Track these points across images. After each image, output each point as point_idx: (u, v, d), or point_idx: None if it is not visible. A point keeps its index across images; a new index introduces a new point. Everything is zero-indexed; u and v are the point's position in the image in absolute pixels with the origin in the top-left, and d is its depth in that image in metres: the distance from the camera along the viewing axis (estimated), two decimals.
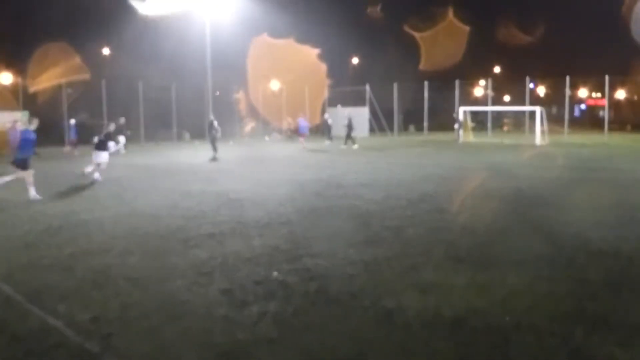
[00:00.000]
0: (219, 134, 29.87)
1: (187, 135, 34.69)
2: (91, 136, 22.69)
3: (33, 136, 15.23)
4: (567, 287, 7.08)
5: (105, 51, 60.47)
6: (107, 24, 51.57)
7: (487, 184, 16.78)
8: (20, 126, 21.23)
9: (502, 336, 5.63)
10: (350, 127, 35.11)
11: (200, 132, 41.95)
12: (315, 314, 6.22)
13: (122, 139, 28.19)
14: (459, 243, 9.38)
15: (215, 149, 28.71)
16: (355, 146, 33.95)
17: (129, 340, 5.66)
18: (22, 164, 14.96)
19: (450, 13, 53.17)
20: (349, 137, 35.01)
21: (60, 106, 39.01)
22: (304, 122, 37.35)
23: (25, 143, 15.15)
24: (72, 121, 33.15)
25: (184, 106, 44.54)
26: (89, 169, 18.73)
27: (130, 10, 42.00)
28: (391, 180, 17.83)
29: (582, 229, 10.45)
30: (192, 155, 30.00)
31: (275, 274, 7.70)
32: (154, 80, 43.75)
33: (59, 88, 39.88)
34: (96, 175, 18.68)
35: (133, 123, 40.51)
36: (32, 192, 14.73)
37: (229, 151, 32.19)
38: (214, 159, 27.46)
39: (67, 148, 32.17)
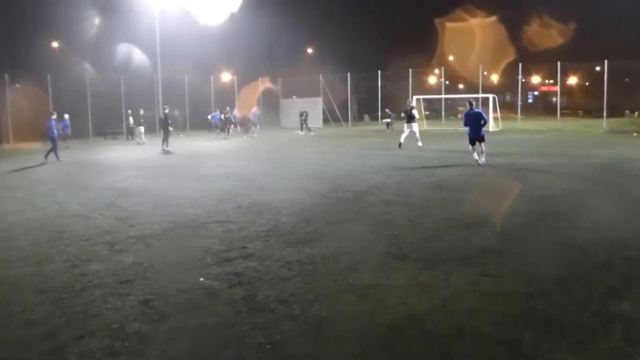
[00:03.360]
0: (171, 127, 29.21)
1: (141, 129, 33.77)
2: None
3: None
4: (515, 285, 6.62)
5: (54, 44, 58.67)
6: (55, 17, 49.96)
7: (438, 174, 16.36)
8: None
9: (442, 345, 5.13)
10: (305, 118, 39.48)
11: (151, 126, 40.90)
12: (238, 326, 5.62)
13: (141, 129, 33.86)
14: (402, 238, 8.87)
15: (167, 141, 28.04)
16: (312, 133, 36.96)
17: None
18: None
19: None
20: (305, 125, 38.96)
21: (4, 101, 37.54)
22: (256, 113, 38.99)
23: None
24: (66, 115, 33.03)
25: (134, 99, 43.33)
26: None
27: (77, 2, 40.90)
28: (340, 171, 17.32)
29: (533, 219, 10.09)
30: (141, 150, 29.10)
31: (201, 279, 7.10)
32: (103, 74, 42.60)
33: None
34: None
35: (82, 118, 39.43)
36: None
37: (180, 145, 31.31)
38: (166, 151, 26.73)
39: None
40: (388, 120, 41.28)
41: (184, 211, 11.68)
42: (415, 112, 26.89)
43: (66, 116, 32.67)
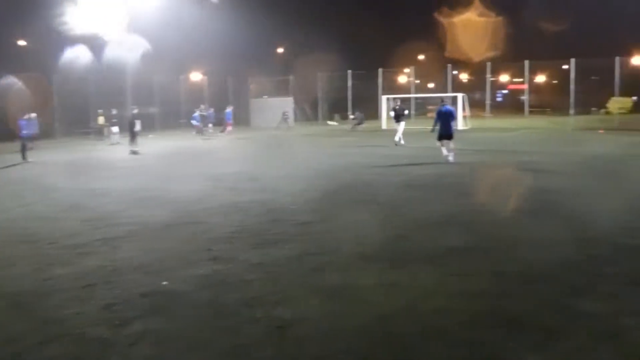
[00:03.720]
0: (138, 127, 28.77)
1: (113, 129, 33.29)
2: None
3: None
4: (482, 284, 6.63)
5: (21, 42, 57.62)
6: (22, 13, 49.06)
7: (407, 172, 16.39)
8: None
9: (407, 347, 5.12)
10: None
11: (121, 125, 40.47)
12: (201, 330, 5.56)
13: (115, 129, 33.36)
14: (370, 238, 8.86)
15: (135, 142, 27.64)
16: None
17: None
18: None
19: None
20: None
21: None
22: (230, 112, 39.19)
23: None
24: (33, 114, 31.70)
25: (103, 99, 42.77)
26: None
27: None
28: (310, 171, 17.28)
29: (499, 216, 10.17)
30: (112, 151, 28.78)
31: (164, 283, 7.01)
32: (72, 73, 42.06)
33: None
34: None
35: (47, 117, 38.88)
36: None
37: (149, 145, 30.96)
38: (134, 152, 26.44)
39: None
40: (354, 118, 41.91)
41: (152, 212, 11.55)
42: (406, 111, 27.73)
43: (33, 115, 31.98)
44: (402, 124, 26.74)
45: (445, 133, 18.52)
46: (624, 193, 12.26)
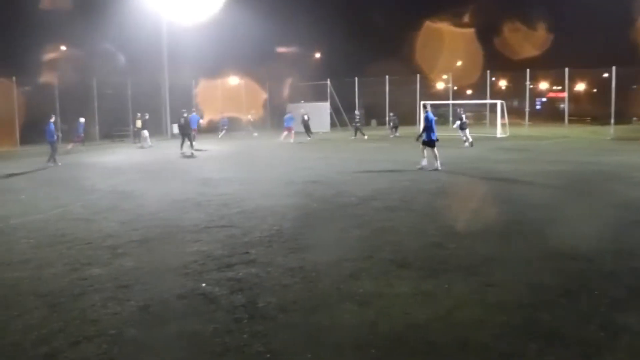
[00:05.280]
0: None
1: (144, 133, 33.59)
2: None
3: None
4: (519, 295, 6.50)
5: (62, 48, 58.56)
6: (62, 19, 49.87)
7: (442, 180, 16.23)
8: None
9: (442, 356, 5.03)
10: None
11: (157, 128, 40.89)
12: (236, 334, 5.54)
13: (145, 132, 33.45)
14: (406, 245, 8.76)
15: (189, 144, 27.85)
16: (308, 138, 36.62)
17: None
18: None
19: None
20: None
21: (11, 104, 37.43)
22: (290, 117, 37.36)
23: None
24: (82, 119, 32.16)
25: (141, 102, 43.22)
26: None
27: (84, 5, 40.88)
28: (344, 176, 17.20)
29: (539, 227, 9.96)
30: (146, 154, 29.04)
31: (203, 285, 7.01)
32: (110, 76, 42.55)
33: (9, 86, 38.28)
34: None
35: (88, 121, 39.47)
36: None
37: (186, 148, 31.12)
38: (190, 154, 26.57)
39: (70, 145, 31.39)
40: (392, 124, 40.91)
41: (187, 215, 11.60)
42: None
43: (82, 120, 32.29)
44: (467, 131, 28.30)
45: (433, 139, 18.60)
46: None
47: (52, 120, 24.32)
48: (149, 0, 41.08)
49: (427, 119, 18.81)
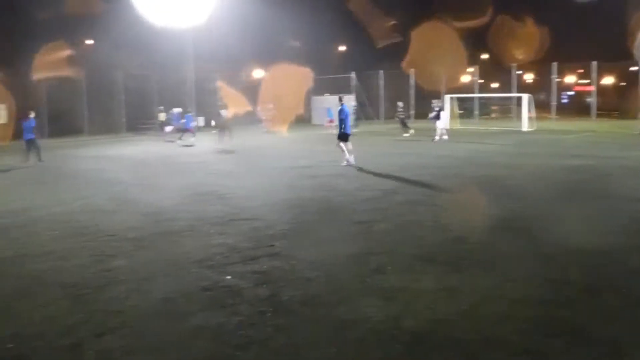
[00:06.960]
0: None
1: (167, 129, 33.65)
2: None
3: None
4: (543, 291, 6.40)
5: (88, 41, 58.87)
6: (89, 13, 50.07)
7: (466, 174, 16.08)
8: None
9: (468, 354, 4.96)
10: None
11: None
12: (260, 327, 5.51)
13: (169, 128, 33.11)
14: (430, 240, 8.69)
15: (223, 139, 28.38)
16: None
17: None
18: None
19: None
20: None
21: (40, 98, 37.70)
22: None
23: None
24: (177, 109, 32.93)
25: (166, 96, 43.38)
26: None
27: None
28: (368, 169, 17.11)
29: (562, 223, 9.81)
30: (170, 147, 29.13)
31: (228, 277, 7.00)
32: (134, 70, 42.75)
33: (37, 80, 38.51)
34: None
35: (115, 114, 39.83)
36: None
37: (210, 141, 31.23)
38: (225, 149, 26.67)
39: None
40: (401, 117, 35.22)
41: (210, 207, 11.62)
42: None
43: (178, 110, 32.59)
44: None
45: (348, 133, 18.60)
46: None
47: (32, 116, 22.29)
48: None
49: (342, 111, 18.76)
